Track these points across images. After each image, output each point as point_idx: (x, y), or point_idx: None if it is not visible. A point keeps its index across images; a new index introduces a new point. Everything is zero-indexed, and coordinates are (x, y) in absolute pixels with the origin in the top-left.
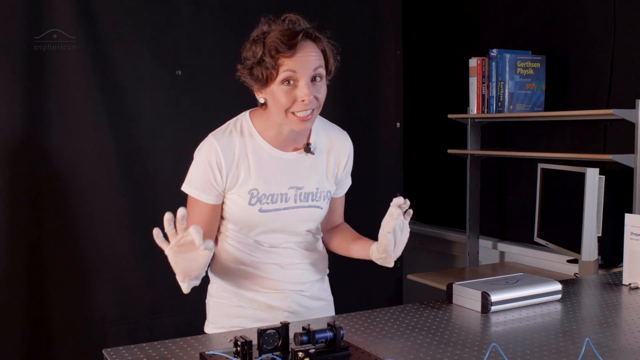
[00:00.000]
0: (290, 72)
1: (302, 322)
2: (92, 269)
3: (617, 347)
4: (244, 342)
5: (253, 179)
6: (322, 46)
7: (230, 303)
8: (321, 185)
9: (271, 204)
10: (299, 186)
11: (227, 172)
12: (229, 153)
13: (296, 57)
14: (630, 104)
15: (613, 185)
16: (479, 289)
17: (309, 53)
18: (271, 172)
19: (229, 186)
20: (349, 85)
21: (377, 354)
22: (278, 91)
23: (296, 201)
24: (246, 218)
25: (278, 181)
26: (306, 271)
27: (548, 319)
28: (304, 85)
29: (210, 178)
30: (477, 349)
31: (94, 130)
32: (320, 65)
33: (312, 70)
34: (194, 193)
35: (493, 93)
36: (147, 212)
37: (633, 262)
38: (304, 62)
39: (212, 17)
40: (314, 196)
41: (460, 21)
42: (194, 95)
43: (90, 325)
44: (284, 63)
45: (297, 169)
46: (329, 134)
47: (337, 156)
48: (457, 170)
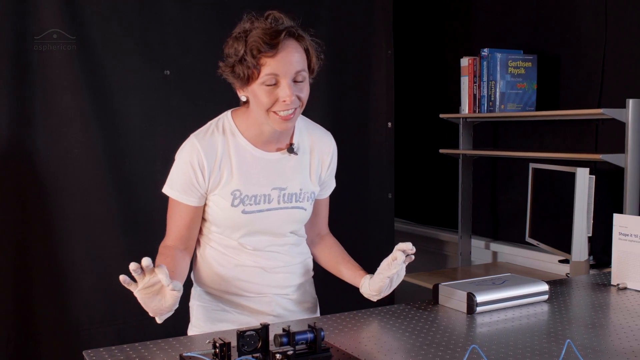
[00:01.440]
0: (272, 73)
1: (283, 324)
2: (79, 271)
3: (601, 349)
4: (223, 343)
5: (236, 180)
6: (305, 45)
7: (213, 307)
8: (305, 186)
9: (254, 205)
10: (283, 187)
11: (209, 173)
12: (211, 153)
13: (278, 57)
14: (622, 104)
15: (605, 185)
16: (464, 290)
17: (291, 53)
18: (254, 173)
19: (212, 187)
20: (340, 85)
21: (359, 355)
22: (259, 91)
23: (279, 202)
24: (229, 220)
25: (261, 182)
26: (290, 274)
27: (534, 320)
28: (285, 86)
29: (192, 179)
30: (459, 350)
31: (81, 130)
32: (302, 65)
33: (294, 71)
34: (175, 195)
35: (484, 92)
36: (135, 213)
37: (622, 262)
38: (286, 62)
39: (200, 16)
40: (298, 197)
41: (451, 20)
42: (182, 95)
43: (77, 326)
44: (266, 63)
45: (281, 170)
46: (312, 133)
47: (321, 156)
48: (449, 170)
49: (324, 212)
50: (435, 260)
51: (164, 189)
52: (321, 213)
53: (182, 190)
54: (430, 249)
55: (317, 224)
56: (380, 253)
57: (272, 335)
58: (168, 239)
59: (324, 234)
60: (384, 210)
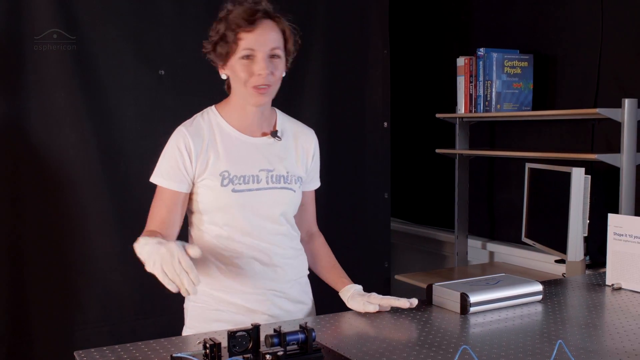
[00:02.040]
0: (249, 48)
1: (275, 324)
2: (74, 270)
3: (594, 349)
4: (213, 344)
5: (223, 162)
6: (282, 26)
7: (207, 307)
8: (291, 169)
9: (243, 185)
10: (270, 169)
11: (196, 156)
12: (198, 138)
13: (255, 32)
14: (618, 103)
15: (601, 185)
16: (458, 290)
17: (267, 31)
18: (241, 155)
19: (199, 171)
20: (336, 84)
21: (351, 356)
22: (237, 65)
23: (268, 182)
24: (219, 200)
25: (248, 164)
26: (285, 269)
27: (527, 320)
28: (261, 60)
29: (179, 164)
30: (452, 351)
31: (76, 129)
32: (278, 43)
33: (269, 47)
34: (161, 182)
35: (480, 92)
36: (130, 212)
37: (616, 262)
38: (263, 38)
39: (195, 16)
40: (285, 179)
41: (448, 20)
42: (177, 95)
43: (73, 326)
44: (244, 37)
45: (266, 153)
46: (295, 126)
47: (304, 145)
48: (446, 170)
49: (311, 207)
50: (432, 260)
51: (151, 177)
52: (308, 207)
53: (168, 176)
54: (427, 248)
55: (306, 219)
56: (377, 253)
57: (263, 336)
58: (149, 224)
59: (314, 232)
60: (380, 210)
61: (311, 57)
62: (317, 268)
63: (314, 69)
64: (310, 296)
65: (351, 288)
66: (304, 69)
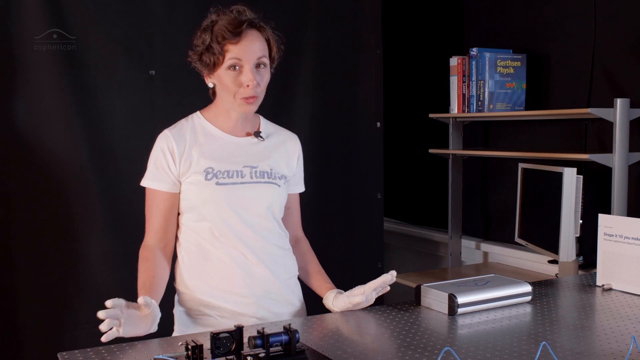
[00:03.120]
0: (236, 58)
1: (259, 326)
2: (63, 271)
3: (580, 351)
4: (195, 345)
5: (207, 159)
6: (266, 35)
7: (194, 312)
8: (275, 167)
9: (228, 179)
10: (254, 165)
11: (180, 156)
12: (181, 139)
13: (241, 44)
14: (611, 103)
15: (595, 185)
16: (445, 291)
17: (252, 41)
18: (224, 153)
19: (183, 170)
20: (328, 84)
21: (335, 357)
22: (225, 76)
23: (252, 177)
24: (204, 193)
25: (232, 160)
26: (273, 268)
27: (515, 322)
28: (248, 71)
29: (163, 164)
30: (437, 352)
31: (65, 130)
32: (264, 52)
33: (256, 57)
34: (149, 184)
35: (473, 92)
36: (120, 213)
37: (607, 263)
38: (249, 49)
39: (186, 16)
40: (269, 175)
41: (441, 20)
42: (167, 96)
43: (62, 326)
44: (230, 50)
45: (250, 151)
46: (280, 132)
47: (289, 149)
48: (440, 170)
49: (296, 211)
50: (426, 260)
51: (141, 182)
52: (294, 212)
53: (155, 178)
54: (421, 249)
55: (291, 223)
56: (370, 254)
57: (247, 337)
58: (147, 236)
59: (299, 237)
60: (373, 210)
61: (303, 57)
62: (301, 273)
63: (306, 69)
64: (300, 297)
65: (334, 291)
66: (296, 69)
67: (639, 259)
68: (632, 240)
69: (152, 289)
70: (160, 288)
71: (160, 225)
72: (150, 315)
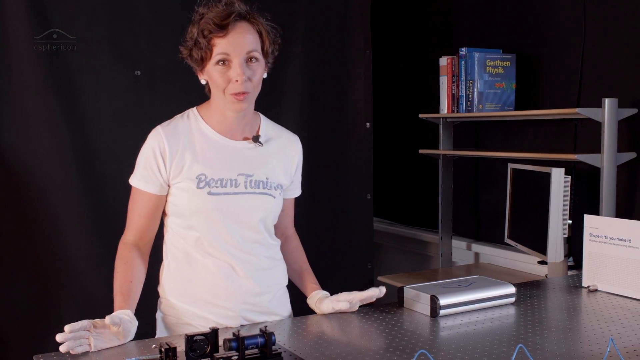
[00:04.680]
0: (224, 53)
1: (235, 329)
2: (49, 272)
3: (560, 353)
4: (168, 348)
5: (200, 164)
6: (258, 28)
7: (178, 320)
8: (271, 176)
9: (221, 188)
10: (249, 174)
11: (170, 160)
12: (174, 140)
13: (229, 37)
14: (601, 103)
15: (585, 186)
16: (428, 292)
17: (242, 34)
18: (219, 158)
19: (174, 174)
20: (317, 85)
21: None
22: (213, 71)
23: (247, 187)
24: (195, 203)
25: (226, 167)
26: (259, 281)
27: (497, 324)
28: (237, 66)
29: (152, 166)
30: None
31: (50, 131)
32: (255, 46)
33: (245, 51)
34: (136, 183)
35: (463, 92)
36: (105, 214)
37: (592, 264)
38: (237, 42)
39: (172, 16)
40: (265, 185)
41: (431, 19)
42: (153, 96)
43: (47, 329)
44: (217, 43)
45: (246, 158)
46: (281, 134)
47: (290, 154)
48: (430, 171)
49: (290, 212)
50: (418, 261)
51: (130, 179)
52: (287, 213)
53: (143, 178)
54: (412, 249)
55: (282, 222)
56: (359, 254)
57: (222, 340)
58: (128, 233)
59: (290, 234)
60: (362, 211)
61: (292, 57)
62: (288, 270)
63: (295, 69)
64: (287, 307)
65: (319, 293)
66: (284, 70)
67: (623, 260)
68: (617, 241)
69: (129, 295)
70: (136, 293)
71: (142, 224)
72: (121, 331)
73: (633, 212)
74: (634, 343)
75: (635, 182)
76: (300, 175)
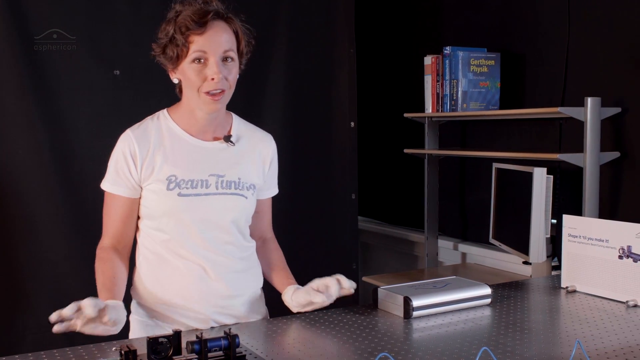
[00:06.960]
0: (200, 50)
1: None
2: (25, 274)
3: (529, 355)
4: (128, 350)
5: (171, 166)
6: (234, 27)
7: (148, 322)
8: (244, 176)
9: (191, 189)
10: (220, 174)
11: (141, 162)
12: (144, 142)
13: (206, 35)
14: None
15: (569, 185)
16: (402, 294)
17: (219, 32)
18: (190, 159)
19: (145, 176)
20: (301, 84)
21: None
22: (189, 69)
23: (218, 188)
24: (164, 204)
25: (197, 168)
26: (232, 284)
27: (470, 325)
28: (213, 64)
29: (124, 169)
30: None
31: (27, 131)
32: (231, 45)
33: (222, 49)
34: (109, 187)
35: (447, 91)
36: (83, 215)
37: (571, 264)
38: (214, 40)
39: (151, 15)
40: (237, 185)
41: (415, 18)
42: (132, 96)
43: (24, 330)
44: (194, 41)
45: (217, 158)
46: (253, 133)
47: (262, 153)
48: (415, 170)
49: (267, 215)
50: (404, 261)
51: (101, 183)
52: (264, 215)
53: (114, 181)
54: (400, 249)
55: (259, 226)
56: (344, 254)
57: (185, 342)
58: (105, 238)
59: (267, 237)
60: (347, 211)
61: (275, 55)
62: (264, 270)
63: (278, 68)
64: (262, 310)
65: (293, 287)
66: (268, 68)
67: (601, 261)
68: (595, 241)
69: (113, 290)
70: (121, 289)
71: (118, 229)
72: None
73: (617, 212)
74: (606, 345)
75: (620, 181)
76: (275, 174)
